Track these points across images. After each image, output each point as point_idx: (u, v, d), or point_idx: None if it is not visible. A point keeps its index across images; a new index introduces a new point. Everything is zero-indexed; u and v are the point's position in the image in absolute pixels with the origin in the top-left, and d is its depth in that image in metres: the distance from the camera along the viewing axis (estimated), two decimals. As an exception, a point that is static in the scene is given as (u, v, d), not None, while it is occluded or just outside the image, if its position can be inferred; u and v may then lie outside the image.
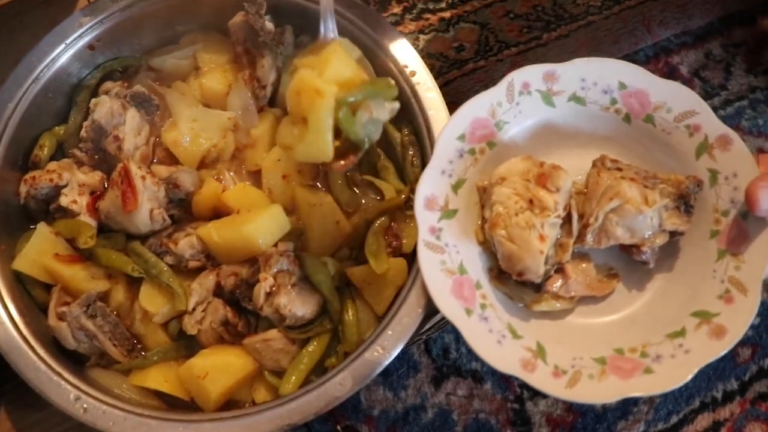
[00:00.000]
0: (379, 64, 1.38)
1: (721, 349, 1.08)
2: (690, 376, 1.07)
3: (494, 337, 1.14)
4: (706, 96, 1.60)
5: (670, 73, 1.62)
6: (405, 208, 1.34)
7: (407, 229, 1.32)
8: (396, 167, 1.37)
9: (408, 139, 1.35)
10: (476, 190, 1.24)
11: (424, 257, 1.17)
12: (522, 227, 1.14)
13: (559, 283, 1.19)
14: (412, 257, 1.25)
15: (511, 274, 1.15)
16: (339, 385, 1.16)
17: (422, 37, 1.67)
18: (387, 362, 1.18)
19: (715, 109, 1.56)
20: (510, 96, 1.24)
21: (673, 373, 1.09)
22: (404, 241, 1.31)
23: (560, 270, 1.20)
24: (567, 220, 1.18)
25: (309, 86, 1.12)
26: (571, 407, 1.38)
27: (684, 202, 1.16)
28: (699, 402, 1.39)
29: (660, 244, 1.16)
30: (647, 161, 1.24)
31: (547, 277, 1.17)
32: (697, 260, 1.18)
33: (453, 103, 1.52)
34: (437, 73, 1.61)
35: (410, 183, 1.33)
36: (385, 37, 1.37)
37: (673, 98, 1.22)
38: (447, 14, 1.69)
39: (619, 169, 1.18)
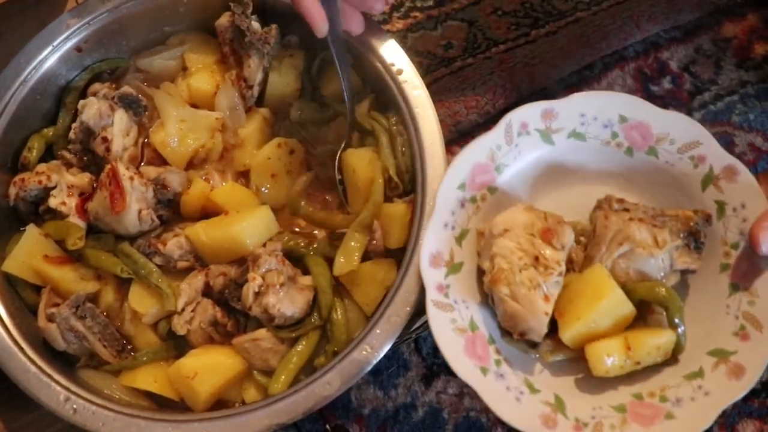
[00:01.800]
0: (365, 63, 1.38)
1: (741, 389, 1.06)
2: (712, 420, 1.05)
3: (512, 394, 1.12)
4: (697, 91, 1.60)
5: (660, 69, 1.61)
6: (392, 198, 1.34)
7: (392, 223, 1.29)
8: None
9: (396, 129, 1.34)
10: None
11: (434, 318, 1.14)
12: (527, 287, 1.11)
13: None
14: (400, 255, 1.25)
15: (512, 333, 1.13)
16: (328, 385, 1.16)
17: (410, 35, 1.66)
18: (376, 361, 1.18)
19: (705, 104, 1.58)
20: (509, 138, 1.22)
21: (694, 416, 1.07)
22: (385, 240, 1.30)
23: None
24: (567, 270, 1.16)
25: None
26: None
27: (694, 239, 1.13)
28: (691, 397, 1.39)
29: (672, 284, 1.14)
30: (652, 195, 1.22)
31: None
32: (709, 296, 1.16)
33: (441, 101, 1.54)
34: (425, 71, 1.60)
35: (401, 173, 1.32)
36: (371, 36, 1.37)
37: (676, 129, 1.20)
38: (435, 12, 1.68)
39: (627, 210, 1.15)
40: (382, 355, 1.18)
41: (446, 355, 1.12)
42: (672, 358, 1.13)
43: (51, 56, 1.40)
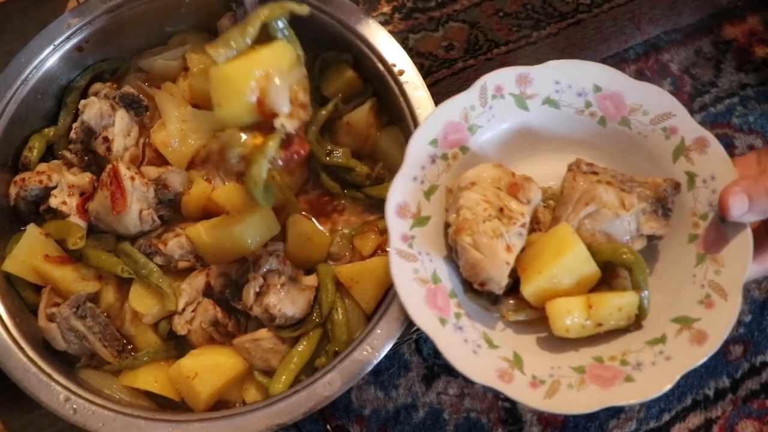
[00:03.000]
0: (367, 64, 1.39)
1: (702, 355, 1.06)
2: (671, 384, 1.04)
3: (470, 347, 1.11)
4: (697, 93, 1.60)
5: (661, 71, 1.62)
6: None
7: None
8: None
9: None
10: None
11: (396, 266, 1.13)
12: (489, 236, 1.10)
13: None
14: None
15: (473, 283, 1.12)
16: (328, 385, 1.16)
17: (412, 36, 1.67)
18: (376, 361, 1.18)
19: (705, 107, 1.58)
20: (483, 100, 1.22)
21: (654, 380, 1.06)
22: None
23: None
24: (531, 230, 1.16)
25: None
26: (562, 405, 1.38)
27: (662, 205, 1.14)
28: (691, 400, 1.39)
29: (638, 248, 1.14)
30: (623, 165, 1.22)
31: (507, 288, 1.13)
32: (677, 265, 1.16)
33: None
34: (427, 72, 1.61)
35: None
36: (372, 37, 1.37)
37: (649, 100, 1.20)
38: (436, 13, 1.69)
39: (595, 173, 1.15)
40: (383, 355, 1.18)
41: (405, 302, 1.11)
42: (635, 323, 1.12)
43: (52, 56, 1.39)
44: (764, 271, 1.14)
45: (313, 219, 1.41)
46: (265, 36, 1.16)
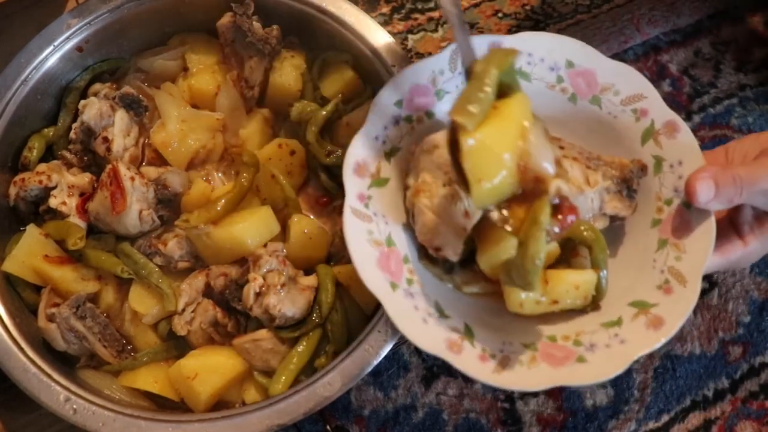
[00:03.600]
0: (366, 64, 1.39)
1: (657, 340, 1.04)
2: (624, 368, 1.02)
3: (420, 314, 1.08)
4: (696, 94, 1.60)
5: (660, 72, 1.62)
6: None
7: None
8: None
9: None
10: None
11: (350, 225, 1.09)
12: (448, 200, 1.07)
13: None
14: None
15: (428, 248, 1.09)
16: (328, 385, 1.16)
17: (411, 36, 1.67)
18: (376, 362, 1.18)
19: (704, 107, 1.59)
20: (453, 64, 1.18)
21: (607, 363, 1.04)
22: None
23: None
24: None
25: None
26: (561, 406, 1.38)
27: (627, 186, 1.12)
28: (690, 401, 1.39)
29: (600, 228, 1.12)
30: (591, 144, 1.19)
31: (463, 258, 1.10)
32: (638, 249, 1.14)
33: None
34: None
35: None
36: (372, 37, 1.37)
37: (622, 80, 1.18)
38: (436, 14, 1.69)
39: (562, 148, 1.13)
40: (382, 356, 1.18)
41: (356, 262, 1.07)
42: (592, 304, 1.11)
43: (52, 56, 1.39)
44: (727, 263, 1.13)
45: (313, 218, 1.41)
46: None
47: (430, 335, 1.07)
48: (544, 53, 1.19)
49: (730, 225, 1.12)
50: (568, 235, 1.08)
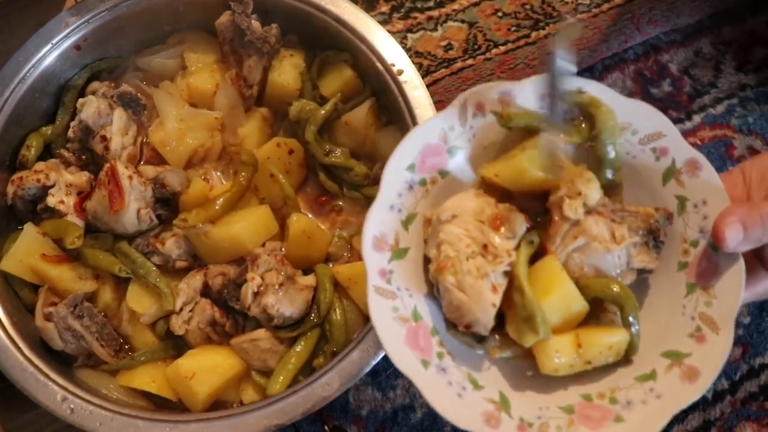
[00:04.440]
0: (366, 63, 1.38)
1: (694, 393, 1.01)
2: (663, 424, 1.00)
3: (454, 390, 1.05)
4: (696, 94, 1.60)
5: (660, 71, 1.62)
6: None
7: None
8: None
9: None
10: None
11: (375, 305, 1.05)
12: (474, 276, 1.03)
13: None
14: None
15: (458, 325, 1.06)
16: (327, 385, 1.17)
17: (410, 35, 1.66)
18: (374, 362, 1.18)
19: (704, 107, 1.58)
20: (463, 119, 1.13)
21: (645, 420, 1.01)
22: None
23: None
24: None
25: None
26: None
27: (653, 237, 1.08)
28: (689, 401, 1.39)
29: (628, 283, 1.08)
30: None
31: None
32: (665, 295, 1.10)
33: (441, 102, 1.54)
34: (425, 72, 1.60)
35: None
36: (371, 36, 1.37)
37: (639, 119, 1.13)
38: (435, 13, 1.68)
39: (585, 202, 1.08)
40: (381, 356, 1.18)
41: (385, 344, 1.04)
42: (624, 358, 1.08)
43: (50, 54, 1.39)
44: (753, 296, 1.10)
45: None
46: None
47: (466, 410, 1.04)
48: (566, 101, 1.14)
49: (755, 257, 1.09)
50: (598, 295, 1.06)
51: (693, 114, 1.58)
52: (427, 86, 1.33)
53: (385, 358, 1.18)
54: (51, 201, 1.32)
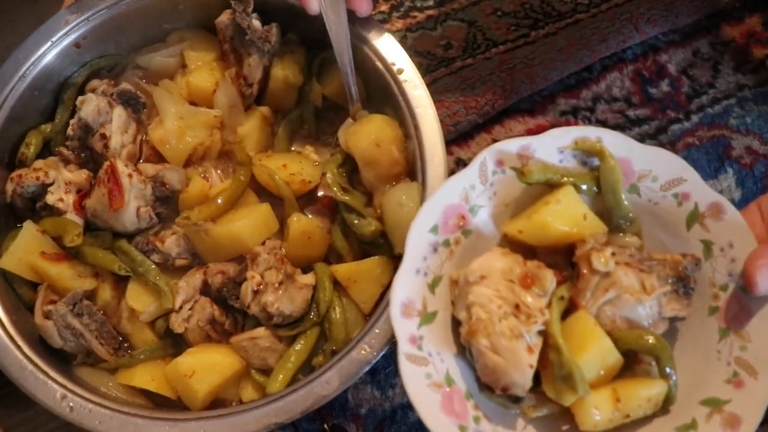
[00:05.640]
0: (366, 62, 1.38)
1: None
2: None
3: None
4: (695, 94, 1.60)
5: (658, 72, 1.62)
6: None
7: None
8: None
9: None
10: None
11: (408, 373, 1.05)
12: (508, 337, 1.02)
13: None
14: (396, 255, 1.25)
15: (494, 388, 1.05)
16: (326, 384, 1.16)
17: (409, 35, 1.66)
18: (374, 361, 1.17)
19: (703, 107, 1.58)
20: (483, 177, 1.14)
21: None
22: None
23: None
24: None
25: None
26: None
27: (683, 284, 1.07)
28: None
29: (660, 332, 1.08)
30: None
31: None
32: (699, 341, 1.09)
33: (440, 101, 1.54)
34: (425, 71, 1.60)
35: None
36: (371, 35, 1.37)
37: (658, 165, 1.13)
38: (434, 12, 1.68)
39: (614, 254, 1.08)
40: (381, 355, 1.17)
41: (421, 413, 1.04)
42: (662, 408, 1.07)
43: (49, 52, 1.39)
44: None
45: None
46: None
47: None
48: (575, 148, 1.15)
49: None
50: (633, 347, 1.06)
51: (691, 114, 1.58)
52: (427, 85, 1.33)
53: (385, 357, 1.18)
54: (50, 199, 1.32)
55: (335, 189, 1.30)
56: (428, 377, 1.06)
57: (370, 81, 1.41)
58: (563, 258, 1.13)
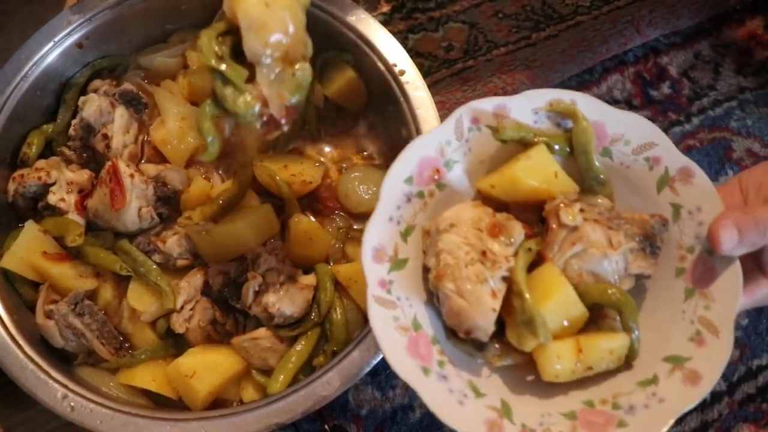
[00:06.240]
0: (367, 63, 1.39)
1: (696, 396, 1.01)
2: (666, 428, 1.00)
3: (455, 397, 1.05)
4: (696, 96, 1.60)
5: (659, 74, 1.62)
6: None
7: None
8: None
9: None
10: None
11: (375, 315, 1.05)
12: (473, 282, 1.04)
13: None
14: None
15: (458, 331, 1.06)
16: (327, 385, 1.16)
17: (411, 36, 1.66)
18: (375, 362, 1.18)
19: (704, 110, 1.59)
20: (459, 133, 1.14)
21: (648, 424, 1.01)
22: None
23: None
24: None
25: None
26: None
27: (650, 243, 1.09)
28: (687, 402, 1.39)
29: (626, 288, 1.09)
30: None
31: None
32: (664, 301, 1.10)
33: (441, 102, 1.54)
34: (426, 73, 1.60)
35: None
36: (373, 36, 1.37)
37: (631, 130, 1.14)
38: (436, 13, 1.68)
39: (582, 210, 1.09)
40: (381, 355, 1.17)
41: (386, 353, 1.04)
42: (625, 364, 1.08)
43: (52, 52, 1.39)
44: (752, 302, 1.10)
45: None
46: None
47: (468, 418, 1.03)
48: (549, 109, 1.16)
49: (753, 263, 1.09)
50: (597, 300, 1.07)
51: (692, 116, 1.59)
52: (428, 87, 1.33)
53: (385, 360, 1.18)
54: (52, 199, 1.32)
55: (209, 57, 1.07)
56: (395, 320, 1.07)
57: (371, 82, 1.41)
58: (535, 215, 1.14)
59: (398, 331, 1.06)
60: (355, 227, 1.40)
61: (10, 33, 1.61)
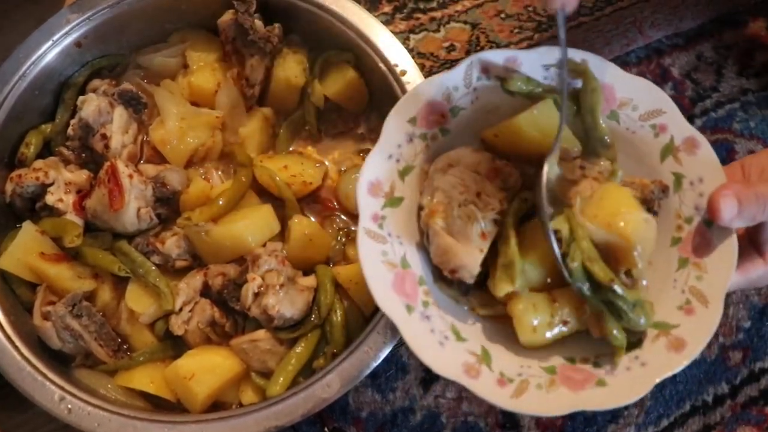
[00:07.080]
0: (368, 63, 1.38)
1: (679, 363, 1.01)
2: (645, 392, 1.00)
3: (436, 337, 1.05)
4: (698, 98, 1.60)
5: (662, 75, 1.62)
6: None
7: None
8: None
9: None
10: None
11: (364, 246, 1.06)
12: (464, 221, 1.05)
13: None
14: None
15: (443, 270, 1.07)
16: (327, 387, 1.16)
17: (413, 36, 1.66)
18: (375, 364, 1.17)
19: (706, 111, 1.58)
20: (468, 81, 1.14)
21: (628, 386, 1.02)
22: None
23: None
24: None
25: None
26: (560, 410, 1.37)
27: (648, 208, 1.09)
28: (690, 406, 1.39)
29: None
30: None
31: (479, 280, 1.08)
32: (657, 269, 1.10)
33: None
34: (428, 73, 1.60)
35: None
36: (375, 37, 1.37)
37: (640, 95, 1.14)
38: (438, 14, 1.68)
39: (582, 168, 1.10)
40: (381, 358, 1.17)
41: (371, 286, 1.04)
42: None
43: (50, 51, 1.38)
44: (747, 281, 1.10)
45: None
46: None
47: (447, 359, 1.04)
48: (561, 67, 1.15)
49: (750, 243, 1.10)
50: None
51: (695, 118, 1.58)
52: (429, 87, 1.33)
53: (386, 361, 1.18)
54: (50, 199, 1.31)
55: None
56: (384, 255, 1.08)
57: (372, 82, 1.41)
58: (536, 171, 1.12)
59: (386, 266, 1.07)
60: (355, 228, 1.39)
61: (8, 32, 1.60)
